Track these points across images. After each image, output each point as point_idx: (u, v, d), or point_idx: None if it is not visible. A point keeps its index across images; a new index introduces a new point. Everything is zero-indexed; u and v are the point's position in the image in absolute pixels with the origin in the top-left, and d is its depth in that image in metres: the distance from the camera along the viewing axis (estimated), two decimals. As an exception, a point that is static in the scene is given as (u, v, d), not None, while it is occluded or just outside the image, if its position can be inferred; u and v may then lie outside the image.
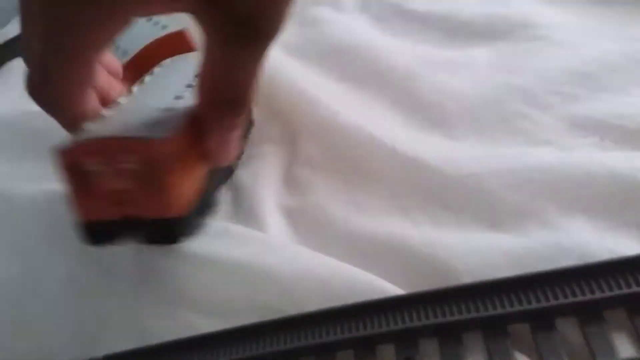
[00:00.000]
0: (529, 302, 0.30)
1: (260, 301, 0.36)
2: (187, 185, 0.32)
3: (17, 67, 0.75)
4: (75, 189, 0.30)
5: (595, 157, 0.37)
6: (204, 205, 0.35)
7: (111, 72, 0.38)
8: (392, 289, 0.34)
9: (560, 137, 0.40)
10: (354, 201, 0.41)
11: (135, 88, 0.37)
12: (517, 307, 0.30)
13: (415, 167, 0.41)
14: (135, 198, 0.30)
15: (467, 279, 0.33)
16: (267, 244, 0.38)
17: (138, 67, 0.43)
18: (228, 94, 0.29)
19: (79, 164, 0.30)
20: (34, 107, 0.36)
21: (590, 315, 0.30)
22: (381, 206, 0.40)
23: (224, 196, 0.44)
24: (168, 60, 0.42)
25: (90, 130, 0.30)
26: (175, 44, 0.41)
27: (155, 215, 0.31)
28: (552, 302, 0.30)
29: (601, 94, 0.42)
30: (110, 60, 0.38)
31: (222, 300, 0.37)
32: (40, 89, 0.30)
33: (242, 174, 0.45)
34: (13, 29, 0.87)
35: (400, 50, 0.52)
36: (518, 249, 0.34)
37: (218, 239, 0.40)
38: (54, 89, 0.30)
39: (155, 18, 0.47)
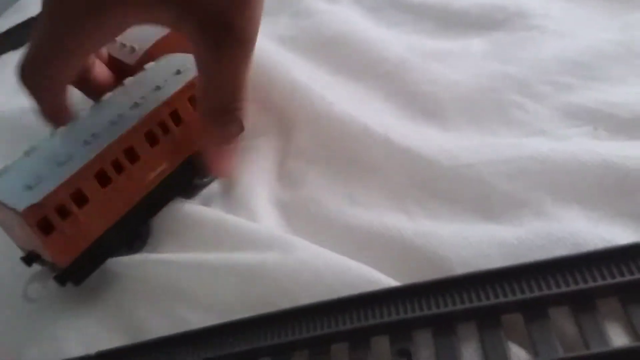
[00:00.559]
0: (522, 292, 0.30)
1: (254, 295, 0.36)
2: (70, 240, 0.37)
3: (11, 61, 0.75)
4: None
5: (589, 147, 0.37)
6: (100, 253, 0.39)
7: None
8: (386, 281, 0.34)
9: (555, 126, 0.40)
10: (348, 193, 0.41)
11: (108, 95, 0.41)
12: (510, 297, 0.30)
13: (410, 157, 0.41)
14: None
15: (460, 270, 0.33)
16: (261, 236, 0.38)
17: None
18: (222, 102, 0.30)
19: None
20: (26, 101, 0.38)
21: (583, 304, 0.30)
22: (376, 198, 0.40)
23: (216, 188, 0.45)
24: (152, 64, 0.43)
25: None
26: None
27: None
28: (545, 291, 0.30)
29: (595, 83, 0.42)
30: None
31: (215, 295, 0.37)
32: (31, 66, 0.35)
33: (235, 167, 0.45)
34: (6, 21, 0.87)
35: (394, 41, 0.51)
36: (512, 240, 0.34)
37: (212, 231, 0.40)
38: (41, 71, 0.35)
39: None
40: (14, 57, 0.73)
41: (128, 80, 0.42)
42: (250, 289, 0.36)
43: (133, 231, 0.41)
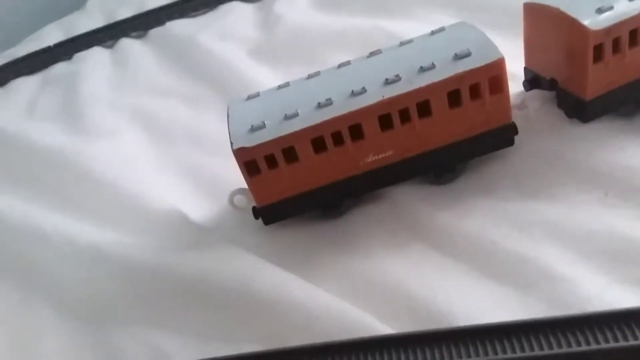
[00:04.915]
0: (522, 350, 0.29)
1: (242, 330, 0.35)
2: (270, 187, 0.39)
3: (20, 86, 0.76)
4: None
5: (597, 215, 0.36)
6: None
7: None
8: (382, 329, 0.32)
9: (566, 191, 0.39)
10: None
11: None
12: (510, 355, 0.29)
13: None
14: None
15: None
16: (258, 266, 0.37)
17: None
18: None
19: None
20: (33, 123, 0.37)
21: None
22: None
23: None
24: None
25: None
26: None
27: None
28: (546, 351, 0.29)
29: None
30: None
31: (200, 325, 0.36)
32: None
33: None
34: (21, 49, 0.88)
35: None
36: (518, 302, 0.33)
37: (206, 254, 0.39)
38: None
39: None
40: (26, 82, 0.76)
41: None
42: (239, 323, 0.35)
43: (332, 201, 0.41)
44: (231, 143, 0.37)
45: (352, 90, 0.37)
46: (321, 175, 0.39)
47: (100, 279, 0.41)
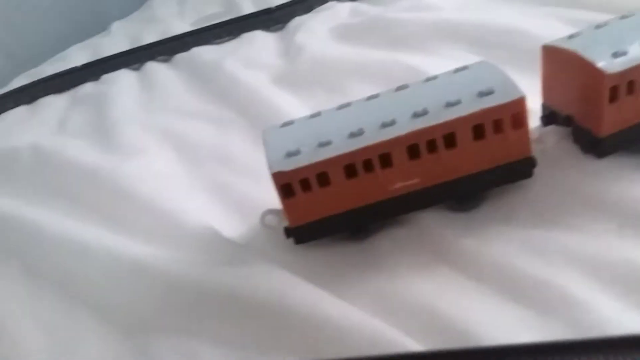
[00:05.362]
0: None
1: (278, 342, 0.36)
2: (303, 210, 0.42)
3: (49, 104, 0.79)
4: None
5: (612, 244, 0.38)
6: None
7: None
8: (414, 347, 0.34)
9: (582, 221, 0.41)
10: None
11: None
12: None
13: None
14: None
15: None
16: (292, 282, 0.39)
17: None
18: None
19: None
20: (66, 139, 0.40)
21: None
22: None
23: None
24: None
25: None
26: None
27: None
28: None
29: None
30: None
31: (238, 336, 0.38)
32: None
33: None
34: (46, 68, 0.91)
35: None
36: (541, 326, 0.34)
37: (242, 269, 0.41)
38: None
39: None
40: (54, 100, 0.79)
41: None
42: (274, 334, 0.37)
43: (360, 224, 0.43)
44: (269, 167, 0.40)
45: (383, 122, 0.40)
46: (351, 199, 0.42)
47: (142, 291, 0.43)
